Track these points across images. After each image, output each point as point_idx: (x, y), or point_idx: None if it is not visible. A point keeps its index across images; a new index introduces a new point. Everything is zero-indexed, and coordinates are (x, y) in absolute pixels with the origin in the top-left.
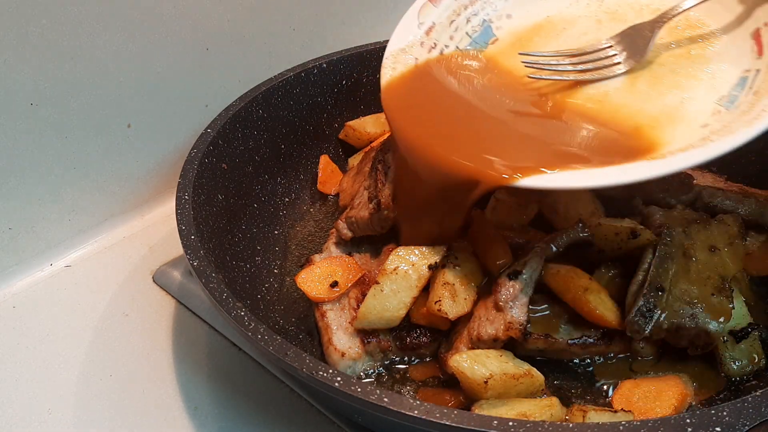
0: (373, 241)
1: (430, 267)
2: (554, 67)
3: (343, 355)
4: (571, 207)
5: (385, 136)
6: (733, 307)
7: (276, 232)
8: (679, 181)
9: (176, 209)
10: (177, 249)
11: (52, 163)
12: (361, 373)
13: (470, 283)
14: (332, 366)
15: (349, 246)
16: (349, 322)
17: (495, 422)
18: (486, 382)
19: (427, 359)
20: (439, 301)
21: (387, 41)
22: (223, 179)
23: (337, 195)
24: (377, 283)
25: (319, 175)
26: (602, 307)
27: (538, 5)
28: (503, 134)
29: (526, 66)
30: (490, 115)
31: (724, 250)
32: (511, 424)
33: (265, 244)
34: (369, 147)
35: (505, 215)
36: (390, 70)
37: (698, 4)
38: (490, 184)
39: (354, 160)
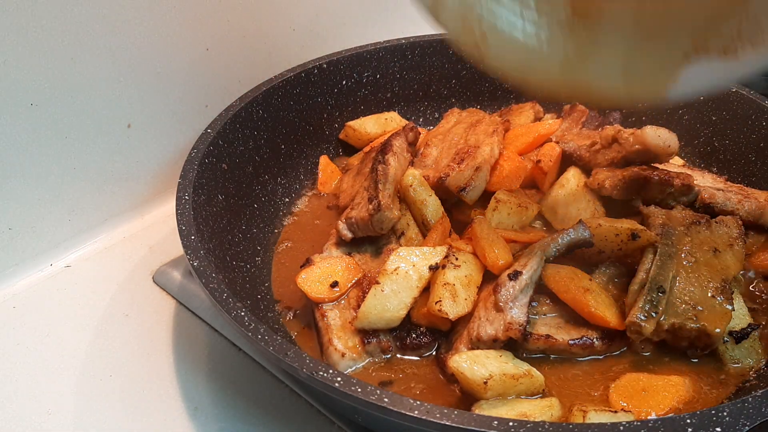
0: (374, 241)
1: (430, 267)
2: None
3: (343, 355)
4: (572, 207)
5: (385, 136)
6: (733, 309)
7: (276, 232)
8: (679, 182)
9: (176, 209)
10: (177, 249)
11: (52, 163)
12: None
13: (470, 284)
14: (332, 366)
15: (350, 246)
16: (350, 322)
17: (495, 422)
18: (486, 383)
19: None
20: (440, 301)
21: (387, 41)
22: (223, 179)
23: (336, 195)
24: (378, 283)
25: (319, 175)
26: (602, 307)
27: None
28: None
29: None
30: None
31: (725, 251)
32: (511, 424)
33: (265, 244)
34: (369, 147)
35: (506, 216)
36: None
37: None
38: None
39: (354, 160)
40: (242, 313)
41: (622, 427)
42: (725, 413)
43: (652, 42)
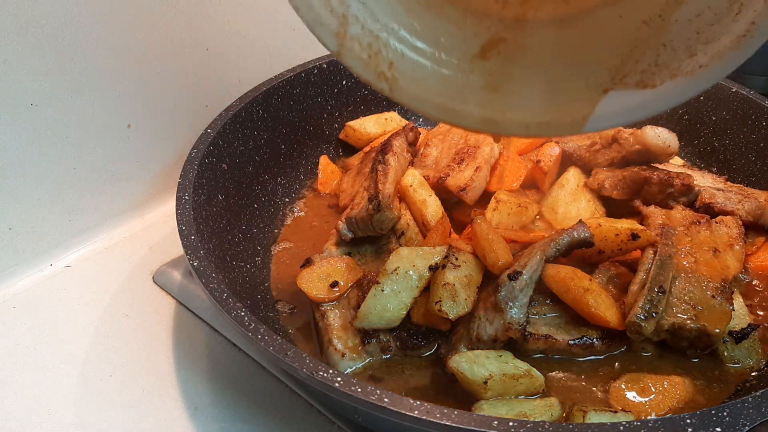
0: (374, 241)
1: (430, 268)
2: None
3: (343, 355)
4: (572, 207)
5: (385, 136)
6: (733, 309)
7: (276, 232)
8: (679, 182)
9: (176, 209)
10: (177, 249)
11: (52, 163)
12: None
13: (470, 284)
14: (332, 366)
15: (350, 246)
16: (350, 322)
17: (495, 422)
18: (485, 383)
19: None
20: (440, 301)
21: None
22: (223, 179)
23: (336, 195)
24: (378, 283)
25: (319, 175)
26: (602, 307)
27: None
28: None
29: None
30: None
31: (725, 251)
32: (511, 424)
33: (265, 244)
34: (369, 147)
35: (506, 216)
36: None
37: None
38: None
39: (354, 160)
40: (242, 313)
41: (622, 427)
42: (725, 413)
43: (570, 75)
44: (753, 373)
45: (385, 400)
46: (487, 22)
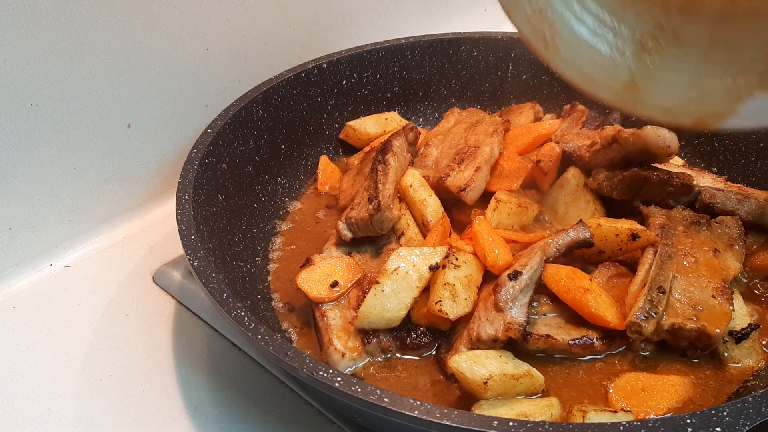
0: (374, 241)
1: (430, 267)
2: None
3: (343, 355)
4: (572, 207)
5: (386, 136)
6: (734, 309)
7: (276, 231)
8: (679, 182)
9: (176, 209)
10: (177, 249)
11: (52, 163)
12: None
13: (470, 284)
14: (332, 366)
15: (350, 246)
16: (350, 322)
17: (495, 422)
18: (485, 383)
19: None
20: (440, 301)
21: (387, 41)
22: (223, 179)
23: (336, 195)
24: (378, 283)
25: (319, 175)
26: (602, 307)
27: None
28: None
29: None
30: None
31: (725, 251)
32: (511, 424)
33: (265, 244)
34: (369, 147)
35: (506, 216)
36: None
37: None
38: None
39: (354, 160)
40: (242, 313)
41: (622, 427)
42: (725, 413)
43: (719, 72)
44: (753, 373)
45: (385, 400)
46: (653, 10)
